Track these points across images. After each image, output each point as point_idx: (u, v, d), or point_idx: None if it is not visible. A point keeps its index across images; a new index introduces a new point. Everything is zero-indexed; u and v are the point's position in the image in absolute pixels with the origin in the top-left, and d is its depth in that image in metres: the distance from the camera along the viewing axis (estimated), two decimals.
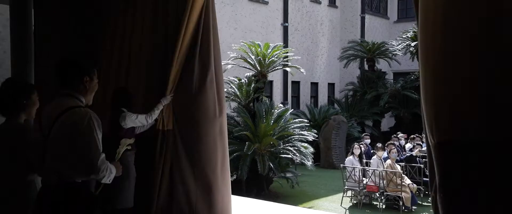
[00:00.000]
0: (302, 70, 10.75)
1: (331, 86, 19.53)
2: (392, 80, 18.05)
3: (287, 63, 10.77)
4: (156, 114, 3.75)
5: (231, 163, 9.43)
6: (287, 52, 10.45)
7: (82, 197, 2.49)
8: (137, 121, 3.68)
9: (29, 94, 2.85)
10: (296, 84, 17.63)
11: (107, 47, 4.20)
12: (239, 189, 9.68)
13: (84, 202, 2.50)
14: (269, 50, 10.21)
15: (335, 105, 17.14)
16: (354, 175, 9.25)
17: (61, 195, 2.44)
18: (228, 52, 10.47)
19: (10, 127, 2.79)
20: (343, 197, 9.51)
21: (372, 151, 11.68)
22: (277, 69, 11.01)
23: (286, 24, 17.01)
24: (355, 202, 9.52)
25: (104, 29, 4.24)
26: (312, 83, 18.40)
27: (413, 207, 9.04)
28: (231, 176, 10.45)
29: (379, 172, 9.01)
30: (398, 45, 16.43)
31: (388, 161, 9.17)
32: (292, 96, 17.31)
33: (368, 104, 16.05)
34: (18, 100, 2.79)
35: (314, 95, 18.60)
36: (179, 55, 3.80)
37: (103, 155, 2.48)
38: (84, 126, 2.41)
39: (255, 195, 9.26)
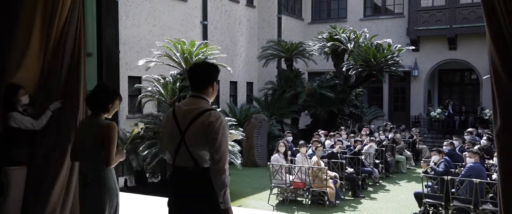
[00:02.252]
0: (229, 68, 10.69)
1: (249, 85, 19.70)
2: (307, 80, 18.63)
3: (213, 61, 10.63)
4: (43, 121, 4.00)
5: (158, 164, 9.15)
6: (213, 50, 10.31)
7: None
8: (21, 125, 3.92)
9: (114, 100, 3.50)
10: (216, 83, 17.50)
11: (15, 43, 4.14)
12: (165, 190, 9.39)
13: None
14: (194, 48, 10.00)
15: (255, 103, 17.31)
16: (281, 172, 9.39)
17: (197, 178, 2.97)
18: (152, 49, 10.07)
19: (96, 121, 3.41)
20: (270, 194, 9.62)
21: (295, 148, 11.97)
22: None
23: (205, 22, 16.85)
24: (281, 199, 9.68)
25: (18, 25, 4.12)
26: (231, 82, 18.42)
27: (337, 202, 9.41)
28: (156, 177, 10.16)
29: (305, 169, 9.24)
30: (314, 45, 17.00)
31: (314, 158, 9.43)
32: None
33: (286, 103, 16.42)
34: (105, 103, 3.45)
35: (233, 94, 18.64)
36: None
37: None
38: (218, 125, 2.91)
39: None
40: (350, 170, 10.36)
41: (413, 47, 18.02)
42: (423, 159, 9.02)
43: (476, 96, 20.78)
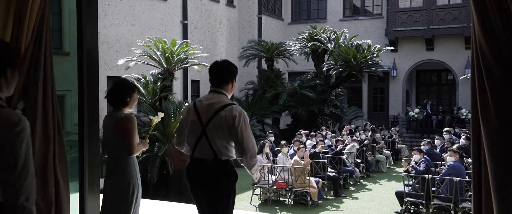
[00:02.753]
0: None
1: None
2: (287, 80, 18.64)
3: (195, 60, 10.51)
4: None
5: (140, 165, 8.99)
6: (194, 49, 10.20)
7: (232, 172, 3.31)
8: None
9: (131, 94, 3.71)
10: (196, 83, 17.40)
11: None
12: (145, 191, 9.24)
13: (233, 176, 3.32)
14: (176, 47, 9.87)
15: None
16: (263, 172, 9.35)
17: (215, 169, 3.23)
18: (132, 48, 9.88)
19: (116, 115, 3.66)
20: (252, 195, 9.57)
21: (276, 148, 11.95)
22: (185, 66, 10.70)
23: (185, 22, 16.71)
24: (264, 199, 9.65)
25: None
26: None
27: (319, 201, 9.42)
28: None
29: (288, 169, 9.22)
30: (295, 45, 17.03)
31: (296, 157, 9.43)
32: (192, 95, 17.06)
33: (267, 103, 16.39)
34: (123, 98, 3.68)
35: None
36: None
37: None
38: (242, 119, 3.17)
39: (163, 197, 8.91)
40: (331, 173, 10.35)
41: (392, 48, 18.25)
42: (404, 158, 9.12)
43: (453, 96, 21.17)
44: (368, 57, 15.23)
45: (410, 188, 8.57)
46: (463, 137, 11.36)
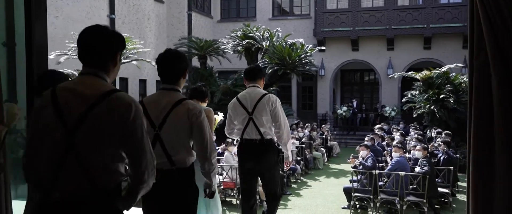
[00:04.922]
0: (153, 63, 9.99)
1: (159, 83, 18.83)
2: (218, 79, 18.34)
3: (135, 56, 9.88)
4: None
5: None
6: (135, 44, 9.58)
7: (275, 147, 4.43)
8: None
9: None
10: (124, 81, 16.53)
11: None
12: None
13: (277, 150, 4.48)
14: None
15: None
16: None
17: (262, 146, 4.31)
18: (66, 41, 9.02)
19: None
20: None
21: (217, 148, 11.63)
22: (125, 62, 10.01)
23: (113, 16, 15.82)
24: None
25: None
26: (140, 80, 17.52)
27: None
28: None
29: (237, 168, 8.98)
30: (228, 43, 16.78)
31: None
32: None
33: None
34: (206, 96, 4.62)
35: (143, 93, 17.74)
36: None
37: None
38: (277, 103, 4.32)
39: None
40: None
41: (324, 48, 18.68)
42: (351, 155, 9.29)
43: (375, 95, 22.22)
44: (302, 56, 15.42)
45: (357, 183, 8.72)
46: (398, 134, 11.86)
